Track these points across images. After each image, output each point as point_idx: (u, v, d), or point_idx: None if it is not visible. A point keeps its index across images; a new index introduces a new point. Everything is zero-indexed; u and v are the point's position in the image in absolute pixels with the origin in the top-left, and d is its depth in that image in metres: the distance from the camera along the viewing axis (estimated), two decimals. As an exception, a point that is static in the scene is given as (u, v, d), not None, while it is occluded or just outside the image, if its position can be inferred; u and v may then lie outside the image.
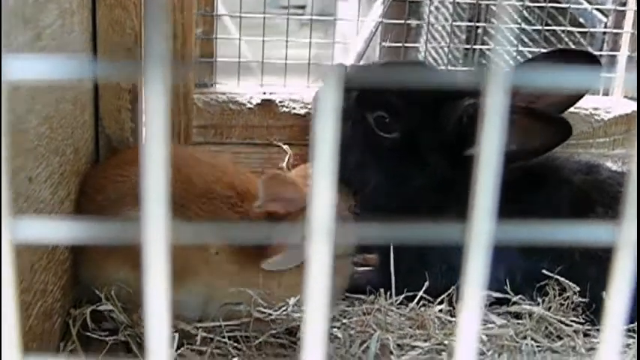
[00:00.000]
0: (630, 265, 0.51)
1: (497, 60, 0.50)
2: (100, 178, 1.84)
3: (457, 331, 0.54)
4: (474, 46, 2.92)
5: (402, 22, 2.36)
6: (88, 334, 1.72)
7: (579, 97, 1.94)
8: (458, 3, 2.68)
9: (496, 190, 0.51)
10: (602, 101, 2.28)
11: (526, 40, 2.68)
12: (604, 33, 2.58)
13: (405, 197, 1.88)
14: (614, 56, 2.41)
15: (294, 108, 2.16)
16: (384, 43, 2.44)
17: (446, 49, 2.80)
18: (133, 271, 1.73)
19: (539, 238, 0.54)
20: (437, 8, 3.62)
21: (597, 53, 2.48)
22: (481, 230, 0.51)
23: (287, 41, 2.22)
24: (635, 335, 1.70)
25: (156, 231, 0.48)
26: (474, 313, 0.53)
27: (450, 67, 2.68)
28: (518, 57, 2.48)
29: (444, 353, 1.62)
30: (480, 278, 0.51)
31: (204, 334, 1.70)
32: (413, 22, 2.43)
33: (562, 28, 2.63)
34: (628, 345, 1.70)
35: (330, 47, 2.37)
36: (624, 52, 2.34)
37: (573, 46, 2.69)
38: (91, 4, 1.85)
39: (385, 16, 2.55)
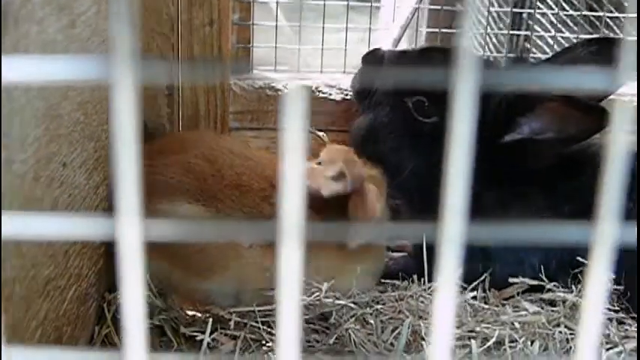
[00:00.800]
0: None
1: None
2: None
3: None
4: (519, 32, 2.90)
5: (439, 7, 2.35)
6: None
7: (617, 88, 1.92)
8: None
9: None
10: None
11: (570, 24, 2.65)
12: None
13: (442, 182, 1.87)
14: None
15: (330, 94, 2.16)
16: (425, 29, 2.43)
17: (491, 34, 2.78)
18: (165, 263, 1.75)
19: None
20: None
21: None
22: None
23: (323, 27, 2.22)
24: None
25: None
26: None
27: (494, 53, 2.67)
28: (563, 41, 2.46)
29: (474, 340, 1.61)
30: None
31: (238, 319, 1.71)
32: (454, 8, 2.41)
33: (604, 14, 2.59)
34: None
35: (374, 32, 2.37)
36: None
37: (617, 31, 2.65)
38: (127, -9, 1.86)
39: (430, 1, 2.54)
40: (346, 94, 2.14)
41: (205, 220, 1.73)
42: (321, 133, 2.08)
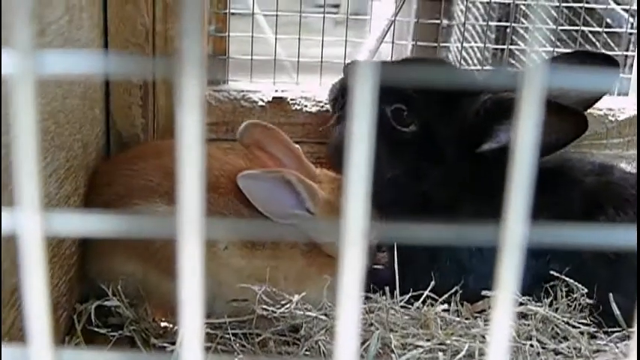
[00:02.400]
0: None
1: (531, 59, 0.50)
2: (110, 172, 1.85)
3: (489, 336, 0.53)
4: (503, 46, 2.91)
5: (427, 21, 2.36)
6: (94, 329, 1.74)
7: (597, 98, 1.93)
8: (488, 2, 2.66)
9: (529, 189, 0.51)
10: (617, 102, 2.25)
11: (553, 39, 2.66)
12: (630, 33, 2.55)
13: (420, 191, 1.87)
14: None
15: (305, 106, 2.16)
16: (410, 42, 2.43)
17: (476, 49, 2.78)
18: (140, 265, 1.76)
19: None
20: (468, 8, 3.60)
21: (623, 54, 2.46)
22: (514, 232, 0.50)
23: (299, 39, 2.22)
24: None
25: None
26: (506, 318, 0.53)
27: (479, 67, 2.68)
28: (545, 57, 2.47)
29: (443, 353, 1.61)
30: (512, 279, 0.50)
31: (209, 330, 1.70)
32: (440, 21, 2.41)
33: (586, 28, 2.59)
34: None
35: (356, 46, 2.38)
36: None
37: (600, 47, 2.66)
38: (102, 1, 1.86)
39: (417, 15, 2.55)
40: (322, 106, 2.14)
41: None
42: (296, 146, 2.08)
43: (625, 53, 2.45)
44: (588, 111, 1.93)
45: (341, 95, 2.00)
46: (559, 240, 0.54)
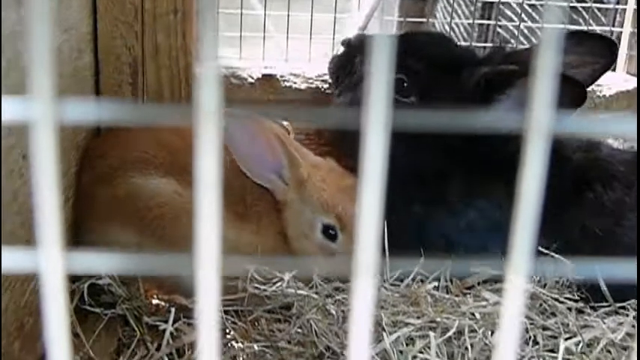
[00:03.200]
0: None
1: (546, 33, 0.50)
2: (103, 145, 1.85)
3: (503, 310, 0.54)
4: (489, 22, 2.91)
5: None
6: (87, 307, 1.74)
7: (601, 73, 1.93)
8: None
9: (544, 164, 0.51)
10: (604, 77, 2.25)
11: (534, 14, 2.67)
12: (616, 9, 2.55)
13: (417, 163, 1.87)
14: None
15: (295, 83, 2.15)
16: (398, 19, 2.43)
17: (460, 25, 2.78)
18: (135, 235, 1.77)
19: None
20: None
21: (607, 29, 2.47)
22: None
23: (288, 15, 2.22)
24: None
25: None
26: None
27: (465, 42, 2.68)
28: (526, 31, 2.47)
29: (433, 330, 1.62)
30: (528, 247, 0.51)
31: (201, 308, 1.71)
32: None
33: (578, 4, 2.60)
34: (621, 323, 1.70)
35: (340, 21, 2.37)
36: (627, 29, 2.31)
37: (589, 19, 2.66)
38: (90, -21, 1.85)
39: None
40: (311, 83, 2.14)
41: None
42: (285, 123, 2.08)
43: (612, 29, 2.46)
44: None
45: (341, 70, 2.00)
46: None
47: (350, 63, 1.99)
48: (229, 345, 1.66)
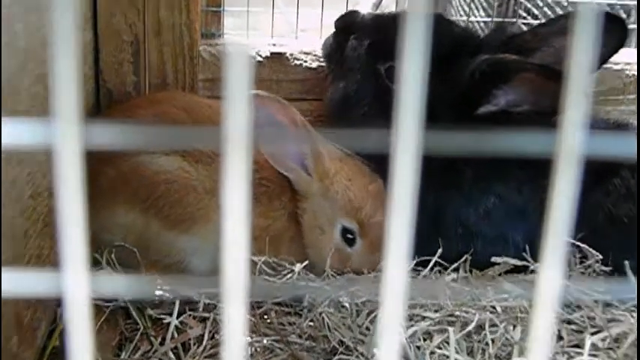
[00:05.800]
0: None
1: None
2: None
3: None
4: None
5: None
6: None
7: (611, 54, 1.85)
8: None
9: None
10: (635, 55, 2.15)
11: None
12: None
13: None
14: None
15: (305, 61, 2.07)
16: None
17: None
18: (141, 215, 1.72)
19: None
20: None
21: (628, 2, 2.38)
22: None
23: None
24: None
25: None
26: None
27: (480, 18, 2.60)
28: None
29: (453, 325, 1.54)
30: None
31: (207, 300, 1.64)
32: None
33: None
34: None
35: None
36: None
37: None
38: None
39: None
40: (323, 61, 2.05)
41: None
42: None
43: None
44: (605, 66, 1.87)
45: (335, 50, 1.94)
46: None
47: (341, 47, 1.92)
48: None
